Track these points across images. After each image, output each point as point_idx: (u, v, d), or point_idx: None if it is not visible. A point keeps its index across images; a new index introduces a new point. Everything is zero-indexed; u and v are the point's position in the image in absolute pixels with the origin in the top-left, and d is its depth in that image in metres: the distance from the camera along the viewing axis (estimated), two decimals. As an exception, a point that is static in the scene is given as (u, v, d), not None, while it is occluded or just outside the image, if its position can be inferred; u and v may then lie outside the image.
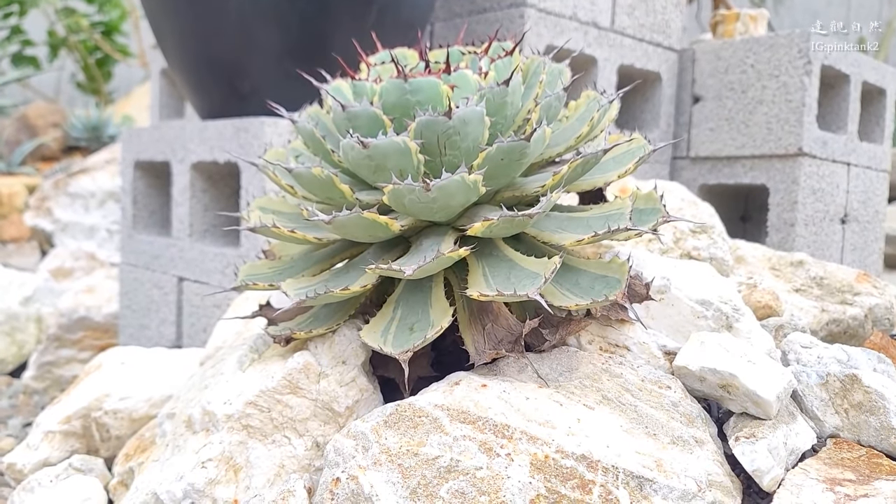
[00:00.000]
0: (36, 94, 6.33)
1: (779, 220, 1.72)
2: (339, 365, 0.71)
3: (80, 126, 6.54)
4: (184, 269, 1.34)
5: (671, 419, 0.66)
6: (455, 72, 0.71)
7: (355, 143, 0.66)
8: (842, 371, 0.78)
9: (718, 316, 0.87)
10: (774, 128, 1.72)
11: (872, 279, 1.43)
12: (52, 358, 1.59)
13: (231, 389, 0.71)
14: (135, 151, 1.48)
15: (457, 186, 0.65)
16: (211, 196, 1.34)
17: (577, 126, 0.77)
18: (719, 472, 0.63)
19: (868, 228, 1.98)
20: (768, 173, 1.75)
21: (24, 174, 6.27)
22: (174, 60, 1.29)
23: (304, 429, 0.70)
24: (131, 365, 1.04)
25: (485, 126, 0.69)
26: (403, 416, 0.63)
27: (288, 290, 0.69)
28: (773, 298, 1.04)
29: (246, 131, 1.17)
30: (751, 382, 0.67)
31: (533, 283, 0.64)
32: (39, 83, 6.53)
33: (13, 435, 1.26)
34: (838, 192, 1.83)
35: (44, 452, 0.94)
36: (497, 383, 0.67)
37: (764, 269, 1.45)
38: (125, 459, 0.88)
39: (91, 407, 0.95)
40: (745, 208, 2.06)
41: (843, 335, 1.34)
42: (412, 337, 0.67)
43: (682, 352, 0.74)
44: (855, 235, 1.93)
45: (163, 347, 1.40)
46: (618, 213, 0.70)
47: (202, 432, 0.72)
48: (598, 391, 0.68)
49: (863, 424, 0.75)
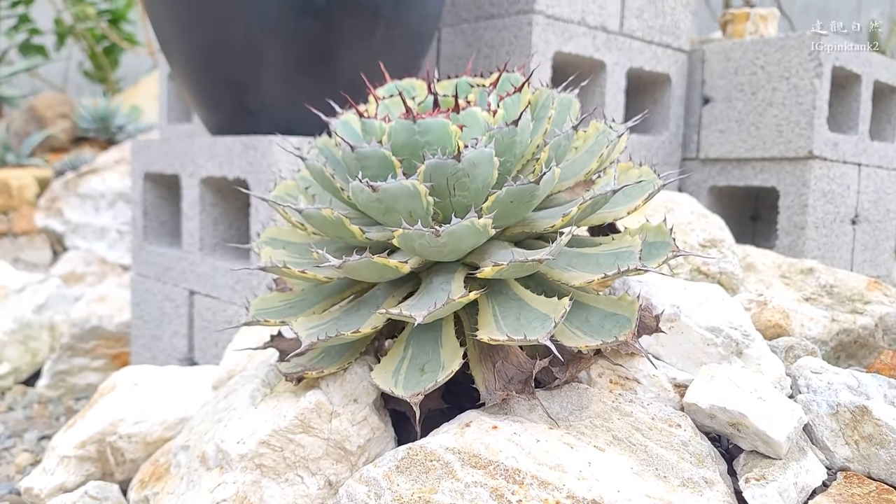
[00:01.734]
0: (44, 84, 6.33)
1: (789, 224, 1.72)
2: (351, 403, 0.72)
3: (88, 117, 6.55)
4: (195, 282, 1.34)
5: (681, 460, 0.66)
6: (464, 110, 0.71)
7: (365, 186, 0.66)
8: (852, 402, 0.78)
9: (728, 343, 0.87)
10: (785, 130, 1.71)
11: (883, 286, 1.43)
12: (66, 367, 1.61)
13: (244, 428, 0.72)
14: (144, 163, 1.48)
15: (467, 231, 0.65)
16: (221, 210, 1.35)
17: (586, 159, 0.77)
18: (729, 513, 0.64)
19: (879, 228, 1.97)
20: (778, 176, 1.74)
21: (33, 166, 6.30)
22: (182, 76, 1.29)
23: (316, 468, 0.70)
24: (144, 386, 1.05)
25: (494, 167, 0.69)
26: (415, 461, 0.64)
27: (299, 330, 0.70)
28: (783, 317, 1.04)
29: (255, 149, 1.17)
30: (761, 423, 0.68)
31: (543, 326, 0.65)
32: (47, 72, 6.54)
33: (29, 449, 1.28)
34: (849, 194, 1.82)
35: (60, 477, 0.95)
36: (508, 424, 0.67)
37: (774, 276, 1.45)
38: (141, 486, 0.89)
39: (106, 431, 0.96)
40: (755, 207, 2.05)
41: (853, 345, 1.34)
42: (423, 379, 0.68)
43: (691, 387, 0.74)
44: (866, 235, 1.92)
45: (175, 362, 1.41)
46: (627, 251, 0.70)
47: (216, 469, 0.73)
48: (608, 431, 0.68)
49: (873, 457, 0.75)
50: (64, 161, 5.64)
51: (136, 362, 1.54)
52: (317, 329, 0.71)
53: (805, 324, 1.30)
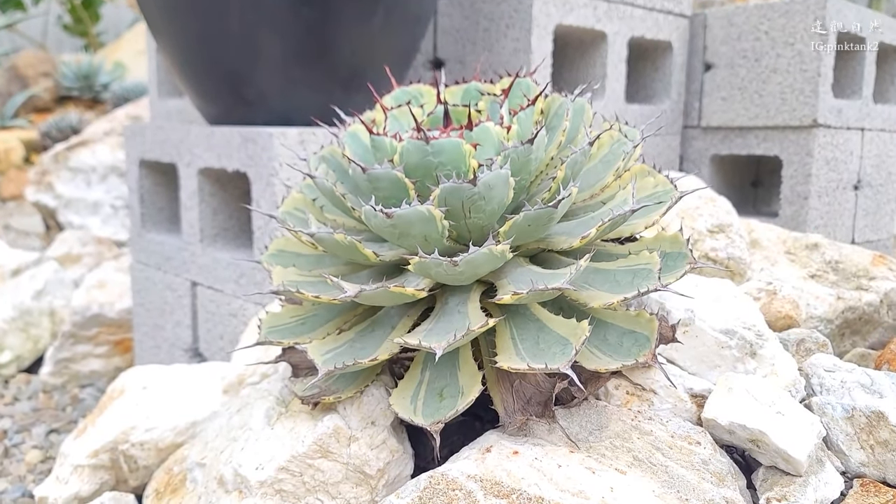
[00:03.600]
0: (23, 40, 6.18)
1: (792, 193, 1.70)
2: (369, 427, 0.71)
3: (71, 75, 6.41)
4: (196, 273, 1.33)
5: (702, 480, 0.67)
6: (477, 126, 0.69)
7: (379, 212, 0.65)
8: (867, 406, 0.78)
9: (742, 344, 0.87)
10: (789, 98, 1.68)
11: (888, 261, 1.42)
12: (69, 354, 1.60)
13: (262, 453, 0.72)
14: (139, 150, 1.45)
15: (485, 258, 0.64)
16: (220, 199, 1.32)
17: (601, 170, 0.75)
18: (750, 534, 0.64)
19: (880, 192, 1.96)
20: (782, 145, 1.72)
21: (18, 127, 6.20)
22: (175, 65, 1.26)
23: (336, 491, 0.70)
24: (153, 389, 1.04)
25: (510, 187, 0.67)
26: (437, 490, 0.64)
27: (315, 357, 0.69)
28: (793, 307, 1.03)
29: (254, 143, 1.14)
30: (781, 441, 0.68)
31: (563, 352, 0.64)
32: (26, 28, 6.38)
33: (38, 445, 1.28)
34: (852, 159, 1.81)
35: (74, 486, 0.95)
36: (528, 448, 0.67)
37: (779, 253, 1.44)
38: (157, 497, 0.89)
39: (118, 440, 0.96)
40: (756, 173, 2.03)
41: (858, 321, 1.34)
42: (442, 406, 0.67)
43: (710, 402, 0.74)
44: (867, 201, 1.91)
45: (180, 352, 1.41)
46: (646, 269, 0.69)
47: (235, 493, 0.73)
48: (628, 451, 0.68)
49: (889, 463, 0.75)
50: (49, 122, 5.54)
51: (139, 350, 1.54)
52: (332, 354, 0.70)
53: (811, 303, 1.30)
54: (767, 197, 2.02)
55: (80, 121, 5.27)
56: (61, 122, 5.30)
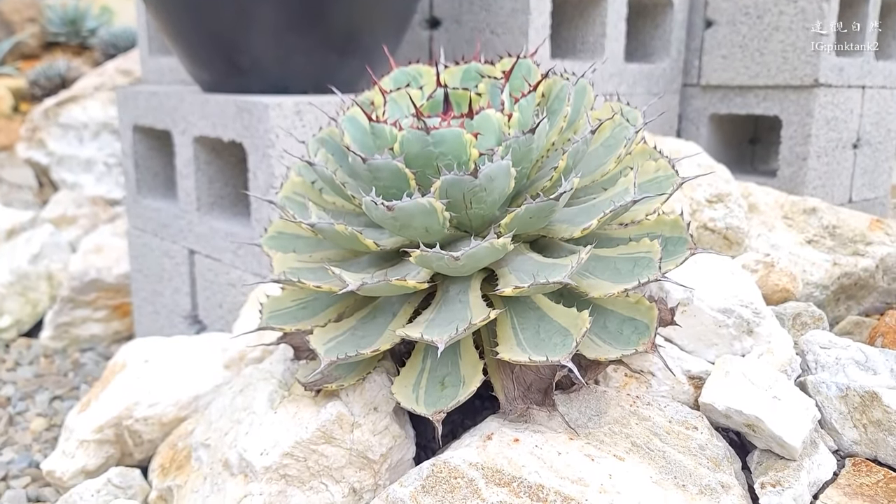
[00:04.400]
0: (4, -21, 6.01)
1: (791, 154, 1.70)
2: (372, 413, 0.72)
3: (57, 20, 6.26)
4: (194, 242, 1.33)
5: (699, 465, 0.68)
6: (478, 114, 0.68)
7: (380, 204, 0.64)
8: (861, 386, 0.79)
9: (739, 323, 0.88)
10: (790, 57, 1.66)
11: (885, 225, 1.43)
12: (68, 319, 1.61)
13: (266, 438, 0.73)
14: (132, 115, 1.43)
15: (486, 252, 0.64)
16: (216, 167, 1.31)
17: (602, 155, 0.75)
18: (745, 517, 0.66)
19: (879, 149, 1.95)
20: (782, 105, 1.70)
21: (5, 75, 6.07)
22: (167, 33, 1.23)
23: (340, 476, 0.72)
24: (155, 363, 1.05)
25: (511, 177, 0.66)
26: (440, 479, 0.65)
27: (317, 346, 0.69)
28: (790, 280, 1.04)
29: (250, 113, 1.13)
30: (776, 427, 0.69)
31: (564, 343, 0.65)
32: (10, -27, 6.22)
33: (42, 413, 1.29)
34: (852, 118, 1.80)
35: (80, 461, 0.97)
36: (528, 436, 0.68)
37: (777, 218, 1.44)
38: (162, 472, 0.91)
39: (122, 416, 0.97)
40: (754, 130, 2.02)
41: (853, 286, 1.35)
42: (444, 394, 0.68)
43: (707, 385, 0.75)
44: (866, 159, 1.90)
45: (179, 319, 1.41)
46: (646, 257, 0.69)
47: (240, 476, 0.74)
48: (627, 437, 0.70)
49: (881, 442, 0.77)
50: (37, 70, 5.44)
51: (138, 315, 1.54)
52: (335, 343, 0.70)
53: (807, 269, 1.31)
54: (765, 154, 2.01)
55: (69, 68, 5.18)
56: (49, 71, 5.20)
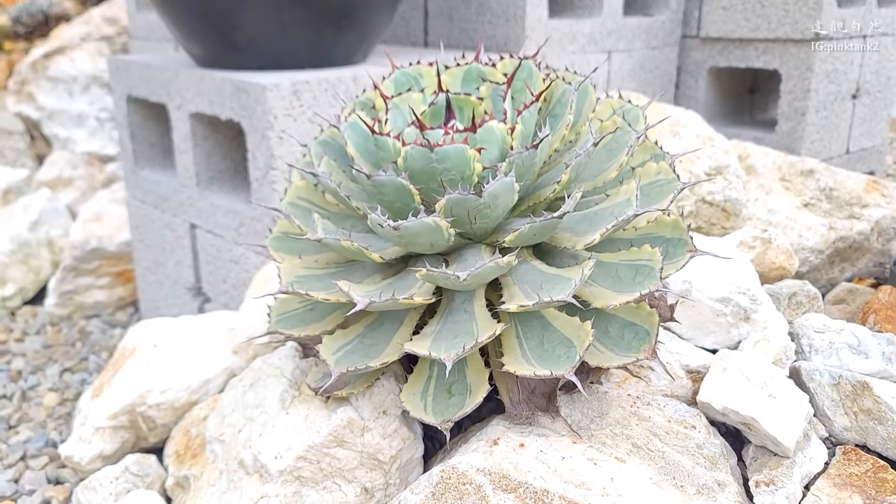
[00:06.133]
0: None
1: (789, 109, 1.69)
2: (381, 416, 0.75)
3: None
4: (195, 217, 1.33)
5: (696, 465, 0.71)
6: (480, 128, 0.68)
7: (385, 223, 0.65)
8: (853, 376, 0.82)
9: (737, 311, 0.90)
10: (792, 10, 1.63)
11: (881, 186, 1.44)
12: (72, 287, 1.62)
13: (279, 441, 0.75)
14: (125, 86, 1.41)
15: (491, 271, 0.65)
16: (214, 142, 1.31)
17: (604, 160, 0.75)
18: (739, 514, 0.69)
19: (878, 99, 1.94)
20: (782, 58, 1.68)
21: (-16, 14, 5.90)
22: (162, 8, 1.20)
23: (352, 476, 0.75)
24: (163, 347, 1.07)
25: (514, 192, 0.67)
26: (449, 485, 0.68)
27: (326, 356, 0.71)
28: (786, 258, 1.06)
29: (247, 94, 1.12)
30: (771, 428, 0.72)
31: (567, 355, 0.67)
32: None
33: (54, 387, 1.32)
34: (852, 69, 1.78)
35: (97, 446, 1.00)
36: (533, 440, 0.71)
37: (774, 180, 1.45)
38: (178, 460, 0.94)
39: (135, 403, 1.00)
40: (753, 79, 2.00)
41: (848, 250, 1.37)
42: (451, 402, 0.70)
43: (705, 384, 0.77)
44: (865, 109, 1.89)
45: (183, 290, 1.43)
46: (647, 265, 0.70)
47: (255, 475, 0.77)
48: (628, 439, 0.72)
49: (870, 430, 0.80)
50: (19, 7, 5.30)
51: (142, 284, 1.56)
52: (343, 352, 0.72)
53: (803, 234, 1.32)
54: (764, 103, 2.00)
55: (51, 3, 5.04)
56: (31, 7, 5.06)
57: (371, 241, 0.75)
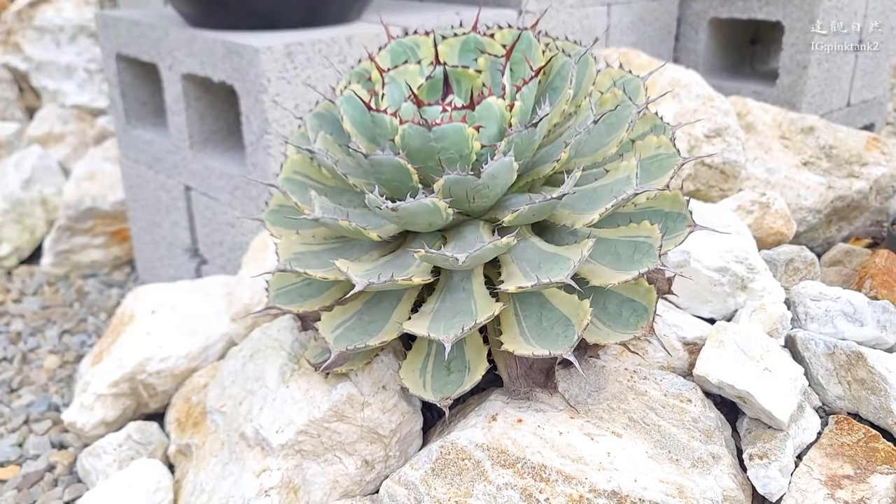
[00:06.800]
0: None
1: (791, 62, 1.66)
2: (380, 391, 0.76)
3: None
4: (189, 178, 1.32)
5: (692, 438, 0.72)
6: (479, 105, 0.67)
7: (383, 204, 0.65)
8: (848, 346, 0.83)
9: (734, 280, 0.90)
10: (795, -41, 1.59)
11: (881, 144, 1.43)
12: (67, 246, 1.62)
13: (280, 416, 0.76)
14: (114, 44, 1.38)
15: (490, 252, 0.65)
16: (206, 102, 1.29)
17: (604, 135, 0.74)
18: (733, 486, 0.70)
19: (881, 49, 1.90)
20: (785, 10, 1.65)
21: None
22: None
23: (352, 449, 0.76)
24: (161, 314, 1.08)
25: (513, 171, 0.66)
26: (448, 461, 0.69)
27: (326, 335, 0.72)
28: (784, 223, 1.06)
29: (239, 56, 1.09)
30: (766, 402, 0.72)
31: (566, 334, 0.67)
32: None
33: (54, 349, 1.33)
34: (856, 18, 1.75)
35: (99, 413, 1.01)
36: (531, 415, 0.72)
37: (773, 138, 1.44)
38: (179, 427, 0.95)
39: (135, 371, 1.01)
40: (755, 30, 1.96)
41: (846, 209, 1.37)
42: (450, 380, 0.71)
43: (701, 357, 0.78)
44: (867, 60, 1.87)
45: (179, 252, 1.43)
46: (646, 242, 0.70)
47: (257, 448, 0.78)
48: (624, 413, 0.73)
49: (863, 400, 0.81)
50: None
51: (137, 244, 1.55)
52: (342, 330, 0.72)
53: (801, 193, 1.32)
54: (765, 54, 1.97)
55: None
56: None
57: (368, 219, 0.74)
